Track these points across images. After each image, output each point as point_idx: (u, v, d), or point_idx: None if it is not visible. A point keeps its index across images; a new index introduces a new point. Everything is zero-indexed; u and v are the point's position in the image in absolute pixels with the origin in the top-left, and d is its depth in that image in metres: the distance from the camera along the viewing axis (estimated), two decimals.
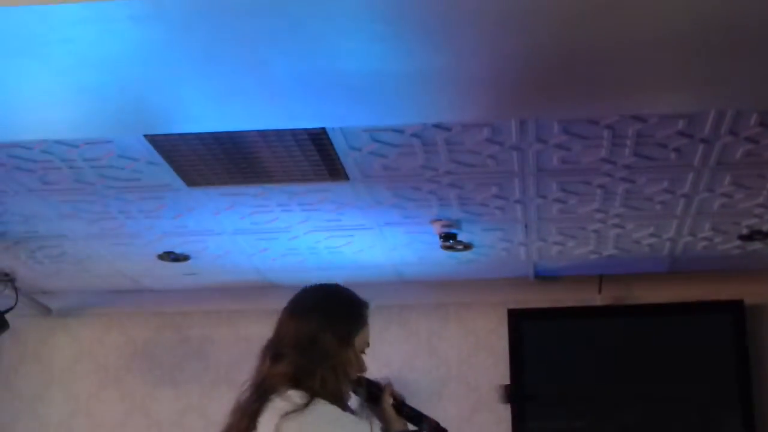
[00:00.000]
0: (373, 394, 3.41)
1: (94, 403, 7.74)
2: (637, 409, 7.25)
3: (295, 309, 3.35)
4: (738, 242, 6.65)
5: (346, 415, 3.24)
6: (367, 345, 3.43)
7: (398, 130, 4.97)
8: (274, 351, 3.26)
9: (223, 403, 7.94)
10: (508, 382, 7.38)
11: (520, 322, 7.48)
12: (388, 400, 3.38)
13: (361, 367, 3.39)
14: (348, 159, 5.29)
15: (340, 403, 3.26)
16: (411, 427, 3.46)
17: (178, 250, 6.73)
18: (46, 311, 7.82)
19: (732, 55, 3.91)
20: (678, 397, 7.20)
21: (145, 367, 7.77)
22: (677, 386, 7.23)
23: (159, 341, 7.79)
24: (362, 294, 7.72)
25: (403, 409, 3.43)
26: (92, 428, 7.69)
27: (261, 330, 7.62)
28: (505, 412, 7.35)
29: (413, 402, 7.52)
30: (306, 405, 3.12)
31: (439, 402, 7.49)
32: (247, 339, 7.66)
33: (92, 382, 7.81)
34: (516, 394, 7.34)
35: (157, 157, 5.26)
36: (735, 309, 7.30)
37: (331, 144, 5.09)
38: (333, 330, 3.29)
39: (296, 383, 3.17)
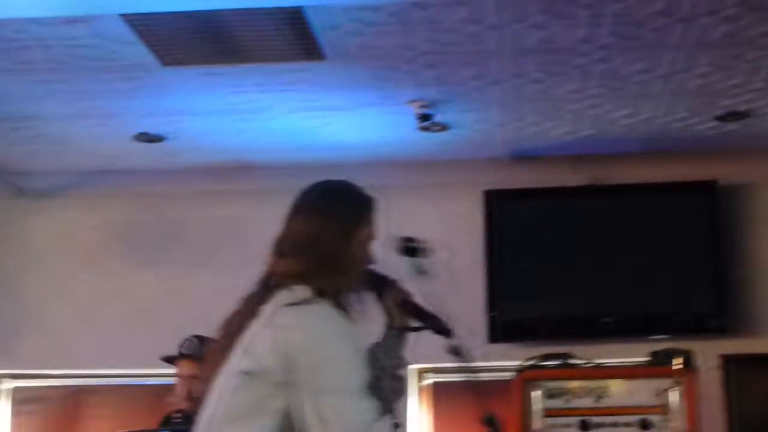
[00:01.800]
0: (379, 288, 3.38)
1: (71, 284, 7.76)
2: (611, 288, 7.33)
3: (300, 206, 3.27)
4: (713, 123, 6.68)
5: (343, 321, 3.15)
6: (374, 240, 3.34)
7: (375, 9, 4.93)
8: (280, 248, 3.22)
9: (200, 284, 8.04)
10: (483, 262, 7.43)
11: (495, 202, 7.51)
12: (392, 296, 3.36)
13: (369, 261, 3.34)
14: (324, 38, 5.25)
15: (345, 300, 3.21)
16: (416, 324, 3.43)
17: (153, 131, 6.71)
18: (21, 193, 7.79)
19: None
20: (652, 275, 7.28)
21: (122, 248, 7.78)
22: (652, 265, 7.30)
23: (136, 222, 7.79)
24: (338, 175, 7.72)
25: (407, 305, 3.38)
26: (69, 309, 7.71)
27: (238, 211, 7.73)
28: (480, 292, 7.41)
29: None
30: (307, 301, 3.08)
31: (416, 282, 7.53)
32: (224, 220, 7.69)
33: (69, 264, 7.82)
34: (493, 271, 7.41)
35: (133, 36, 5.21)
36: (708, 189, 7.35)
37: (307, 23, 5.05)
38: (336, 227, 3.22)
39: (303, 280, 3.13)
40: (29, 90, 5.95)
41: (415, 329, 3.39)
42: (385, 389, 3.19)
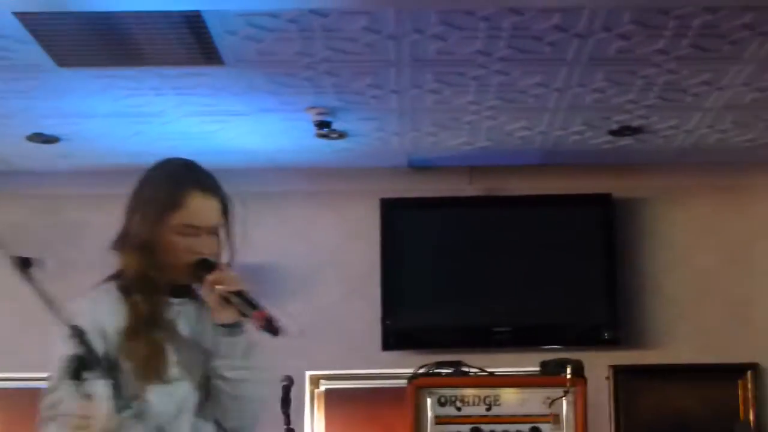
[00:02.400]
0: (202, 279, 3.06)
1: None
2: (506, 299, 7.40)
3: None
4: (608, 137, 6.79)
5: (96, 299, 3.05)
6: (189, 227, 3.03)
7: (274, 15, 4.92)
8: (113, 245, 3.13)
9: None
10: (379, 269, 7.46)
11: (392, 210, 7.54)
12: (212, 287, 3.01)
13: (185, 251, 3.03)
14: (223, 43, 5.23)
15: (151, 288, 3.02)
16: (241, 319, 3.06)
17: (48, 132, 6.62)
18: None
19: None
20: (547, 287, 7.37)
21: (14, 250, 7.63)
22: (546, 276, 7.39)
23: (31, 224, 7.68)
24: (235, 180, 7.68)
25: (233, 297, 3.00)
26: None
27: None
28: (377, 299, 7.44)
29: (282, 289, 7.59)
30: (96, 287, 3.08)
31: (313, 288, 7.55)
32: (115, 223, 7.60)
33: None
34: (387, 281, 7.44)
35: (28, 36, 5.13)
36: (603, 202, 7.47)
37: (206, 27, 5.02)
38: (141, 212, 3.04)
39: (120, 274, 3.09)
40: None
41: (234, 326, 3.02)
42: (217, 389, 3.05)
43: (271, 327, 2.98)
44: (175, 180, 3.10)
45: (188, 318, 3.12)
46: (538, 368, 6.00)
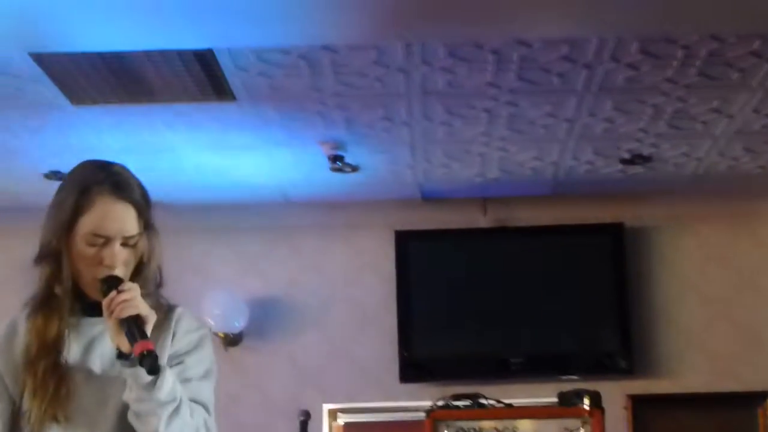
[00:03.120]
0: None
1: None
2: (520, 329, 7.41)
3: None
4: (619, 166, 6.80)
5: (9, 330, 2.76)
6: (97, 236, 2.64)
7: (285, 51, 4.97)
8: None
9: None
10: (394, 302, 7.47)
11: (406, 242, 7.57)
12: (109, 312, 2.57)
13: (93, 263, 2.66)
14: (235, 79, 5.27)
15: (54, 306, 2.69)
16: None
17: (62, 169, 6.66)
18: None
19: None
20: (560, 316, 7.38)
21: (27, 286, 7.64)
22: (559, 306, 7.40)
23: None
24: (248, 214, 7.65)
25: (122, 323, 2.56)
26: None
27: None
28: (392, 332, 7.45)
29: (296, 322, 7.59)
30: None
31: (327, 321, 7.57)
32: None
33: None
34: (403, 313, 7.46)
35: (42, 76, 5.19)
36: (615, 231, 7.48)
37: (218, 64, 5.07)
38: (51, 221, 2.71)
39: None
40: None
41: (122, 356, 2.57)
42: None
43: (148, 362, 2.51)
44: (83, 182, 2.69)
45: (105, 342, 2.68)
46: (553, 398, 6.00)
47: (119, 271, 2.67)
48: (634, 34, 4.87)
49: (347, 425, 7.65)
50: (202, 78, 5.24)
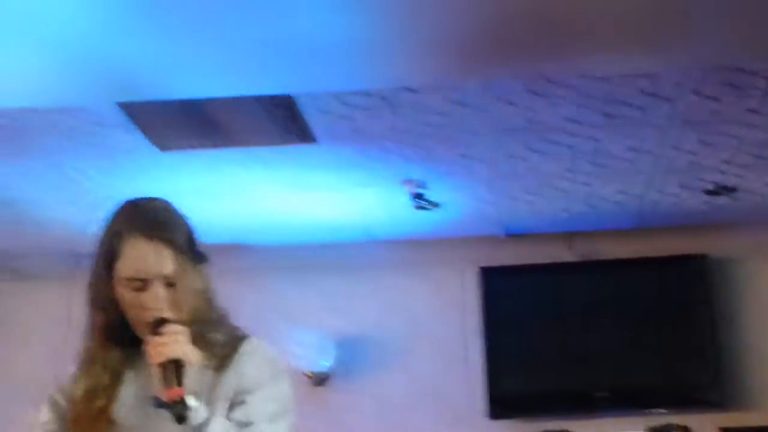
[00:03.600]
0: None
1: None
2: (607, 362, 7.35)
3: None
4: (704, 197, 6.74)
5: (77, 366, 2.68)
6: (133, 280, 2.57)
7: (366, 94, 5.01)
8: None
9: None
10: (479, 339, 7.46)
11: (491, 279, 7.56)
12: (149, 357, 2.52)
13: (136, 307, 2.58)
14: (316, 122, 5.33)
15: (107, 348, 2.65)
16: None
17: None
18: (18, 274, 7.82)
19: (694, 13, 3.97)
20: (646, 349, 7.31)
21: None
22: (646, 339, 7.34)
23: None
24: (329, 254, 7.67)
25: (164, 368, 2.49)
26: None
27: (230, 290, 7.70)
28: (477, 368, 7.44)
29: (380, 360, 7.60)
30: None
31: (411, 359, 7.57)
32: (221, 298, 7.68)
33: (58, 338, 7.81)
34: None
35: (130, 124, 5.29)
36: (700, 263, 7.41)
37: (299, 109, 5.13)
38: (93, 268, 2.64)
39: None
40: (31, 176, 6.01)
41: (156, 402, 2.47)
42: None
43: (176, 410, 2.43)
44: (115, 226, 2.62)
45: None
46: None
47: (168, 313, 2.57)
48: (714, 66, 4.84)
49: None
50: (282, 122, 5.30)
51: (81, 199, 6.39)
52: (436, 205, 6.66)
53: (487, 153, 5.85)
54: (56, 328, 7.86)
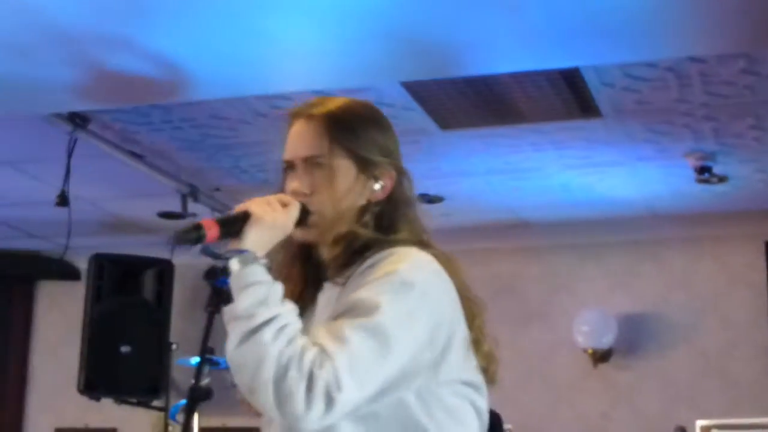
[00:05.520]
0: None
1: None
2: None
3: None
4: None
5: None
6: (285, 164, 2.41)
7: (652, 65, 4.94)
8: None
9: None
10: (765, 315, 7.27)
11: None
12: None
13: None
14: (601, 96, 5.29)
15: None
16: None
17: (432, 192, 6.86)
18: None
19: None
20: None
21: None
22: None
23: None
24: (614, 229, 7.56)
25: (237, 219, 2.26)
26: None
27: (513, 267, 7.78)
28: (763, 346, 7.26)
29: (665, 338, 7.46)
30: None
31: (696, 336, 7.45)
32: (499, 276, 7.75)
33: None
34: None
35: (412, 103, 5.38)
36: None
37: (584, 82, 5.10)
38: None
39: None
40: None
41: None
42: None
43: (191, 234, 2.16)
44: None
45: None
46: None
47: (298, 196, 2.33)
48: None
49: None
50: (568, 96, 5.29)
51: None
52: (720, 178, 6.51)
53: None
54: None
